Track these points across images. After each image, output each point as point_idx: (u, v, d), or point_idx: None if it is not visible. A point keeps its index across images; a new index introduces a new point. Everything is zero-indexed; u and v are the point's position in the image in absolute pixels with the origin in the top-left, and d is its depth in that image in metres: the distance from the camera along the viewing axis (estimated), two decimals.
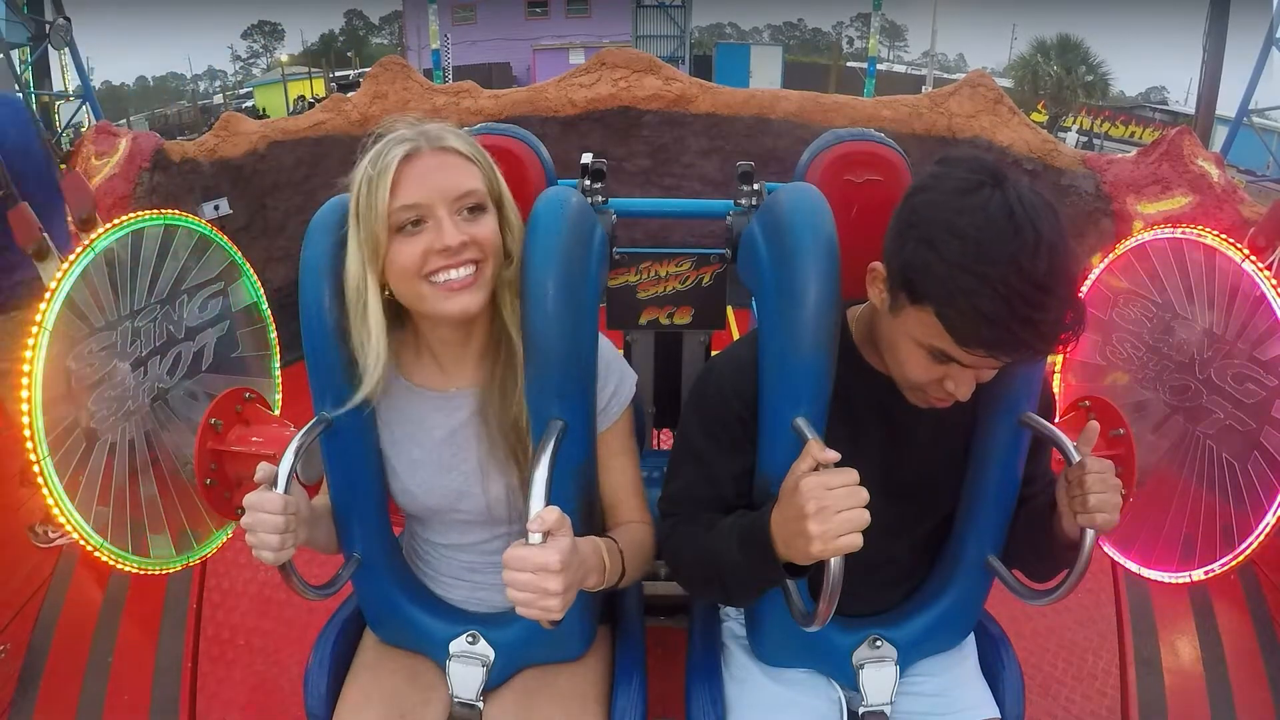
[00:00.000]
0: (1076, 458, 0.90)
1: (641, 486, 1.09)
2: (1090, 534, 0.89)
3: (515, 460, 1.00)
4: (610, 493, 1.06)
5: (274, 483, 0.86)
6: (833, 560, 0.80)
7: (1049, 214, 0.78)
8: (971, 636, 1.17)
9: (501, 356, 0.99)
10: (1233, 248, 1.23)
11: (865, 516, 0.79)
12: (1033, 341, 0.77)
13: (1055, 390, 1.53)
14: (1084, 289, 1.51)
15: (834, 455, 0.82)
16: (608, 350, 1.03)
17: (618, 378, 1.04)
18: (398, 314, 0.99)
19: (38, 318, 1.08)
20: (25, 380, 1.06)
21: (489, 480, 1.02)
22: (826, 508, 0.79)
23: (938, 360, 0.85)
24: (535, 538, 0.78)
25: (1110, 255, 1.45)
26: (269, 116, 6.53)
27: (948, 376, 0.86)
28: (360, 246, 0.91)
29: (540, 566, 0.77)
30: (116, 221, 1.20)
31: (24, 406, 1.06)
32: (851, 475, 0.81)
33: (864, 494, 0.80)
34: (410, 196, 0.88)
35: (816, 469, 0.82)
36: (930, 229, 0.80)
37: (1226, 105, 11.57)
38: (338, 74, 28.70)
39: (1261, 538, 1.18)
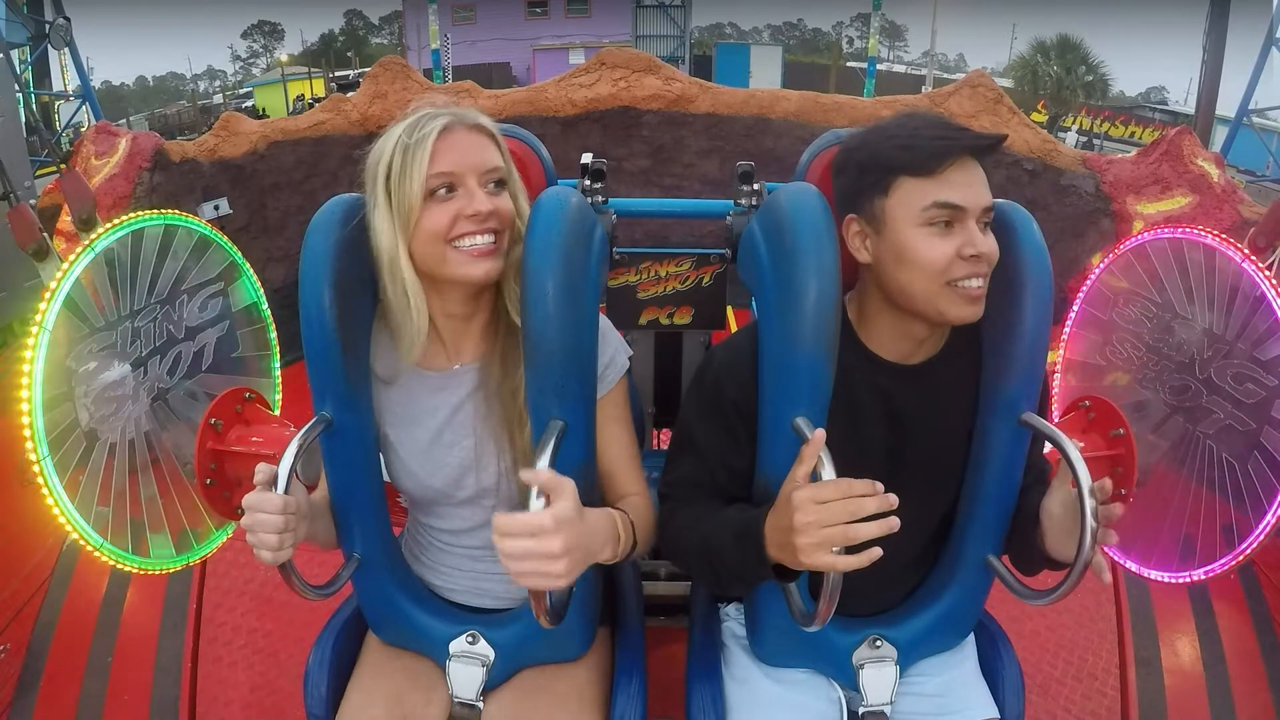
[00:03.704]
0: (1076, 458, 0.90)
1: (638, 456, 1.09)
2: (1090, 533, 0.89)
3: (511, 439, 1.01)
4: (607, 462, 1.06)
5: (274, 483, 0.87)
6: None
7: (920, 109, 0.99)
8: (971, 636, 1.17)
9: (501, 331, 1.03)
10: (1233, 248, 1.23)
11: (854, 534, 0.78)
12: (966, 138, 0.91)
13: (1055, 390, 1.53)
14: (1084, 289, 1.51)
15: (820, 435, 0.81)
16: (603, 325, 1.04)
17: (613, 348, 1.04)
18: None
19: (38, 318, 1.08)
20: (25, 380, 1.06)
21: (486, 458, 1.03)
22: (812, 523, 0.79)
23: (943, 227, 0.91)
24: (536, 505, 0.78)
25: (1110, 255, 1.44)
26: (269, 116, 6.54)
27: (963, 243, 0.90)
28: (393, 215, 0.94)
29: (535, 528, 0.77)
30: (116, 221, 1.20)
31: (24, 406, 1.06)
32: (844, 488, 0.79)
33: (859, 506, 0.78)
34: (446, 165, 0.94)
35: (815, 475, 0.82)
36: (861, 147, 0.96)
37: (1226, 105, 11.56)
38: (338, 74, 28.74)
39: (1261, 538, 1.17)
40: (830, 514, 0.79)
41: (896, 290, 0.95)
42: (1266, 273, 1.17)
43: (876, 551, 0.78)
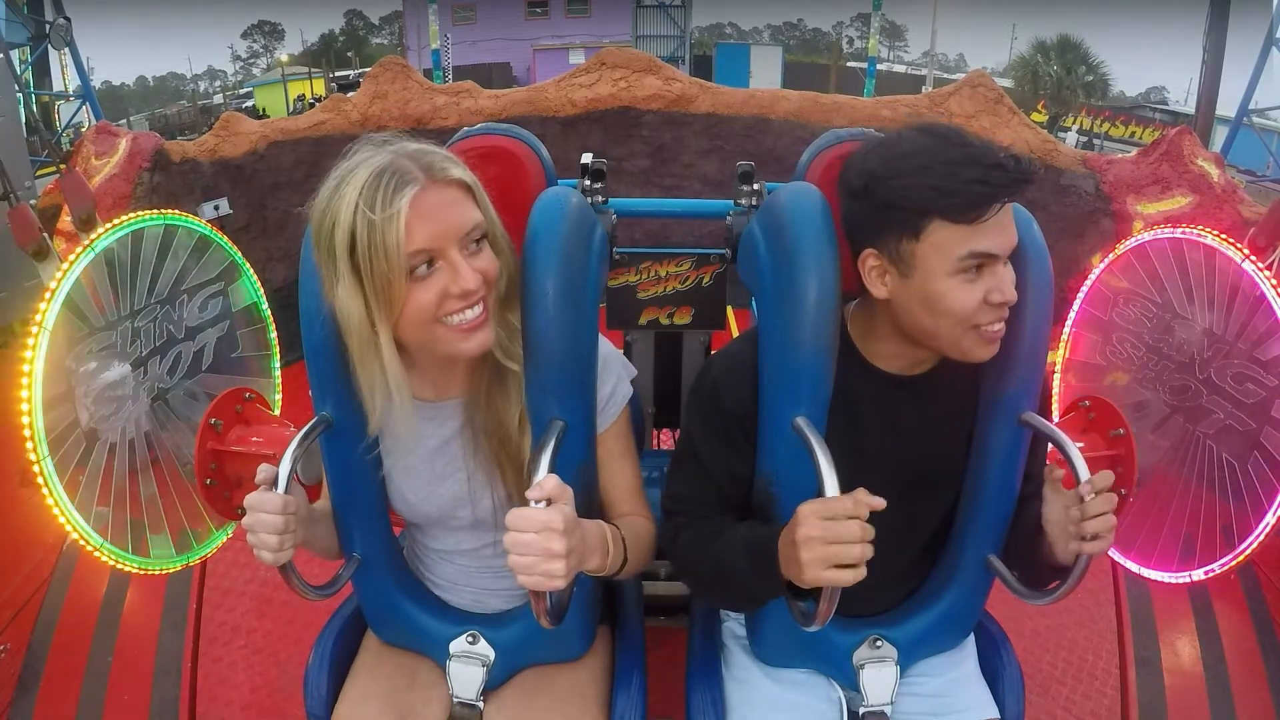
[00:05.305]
0: (1076, 458, 0.90)
1: (641, 487, 1.09)
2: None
3: (503, 472, 1.00)
4: (609, 493, 1.06)
5: (274, 483, 0.86)
6: None
7: (942, 123, 0.93)
8: (971, 637, 1.17)
9: (488, 369, 0.98)
10: (1233, 248, 1.23)
11: (857, 552, 0.79)
12: (1008, 180, 0.85)
13: (1055, 390, 1.53)
14: (1084, 289, 1.52)
15: (835, 491, 0.82)
16: (606, 349, 1.03)
17: (615, 377, 1.03)
18: None
19: (38, 318, 1.08)
20: (25, 380, 1.06)
21: (479, 491, 1.02)
22: (817, 538, 0.80)
23: (972, 273, 0.88)
24: (538, 507, 0.79)
25: (1110, 255, 1.45)
26: (269, 116, 6.54)
27: (991, 288, 0.88)
28: (365, 294, 0.84)
29: (544, 525, 0.77)
30: (116, 221, 1.20)
31: (24, 406, 1.06)
32: (848, 506, 0.80)
33: (859, 529, 0.79)
34: (425, 240, 0.83)
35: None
36: (887, 179, 0.89)
37: (1226, 105, 11.56)
38: (338, 74, 28.74)
39: (1261, 538, 1.18)
40: (832, 531, 0.79)
41: (917, 331, 0.93)
42: (1266, 273, 1.17)
43: (862, 571, 0.80)
